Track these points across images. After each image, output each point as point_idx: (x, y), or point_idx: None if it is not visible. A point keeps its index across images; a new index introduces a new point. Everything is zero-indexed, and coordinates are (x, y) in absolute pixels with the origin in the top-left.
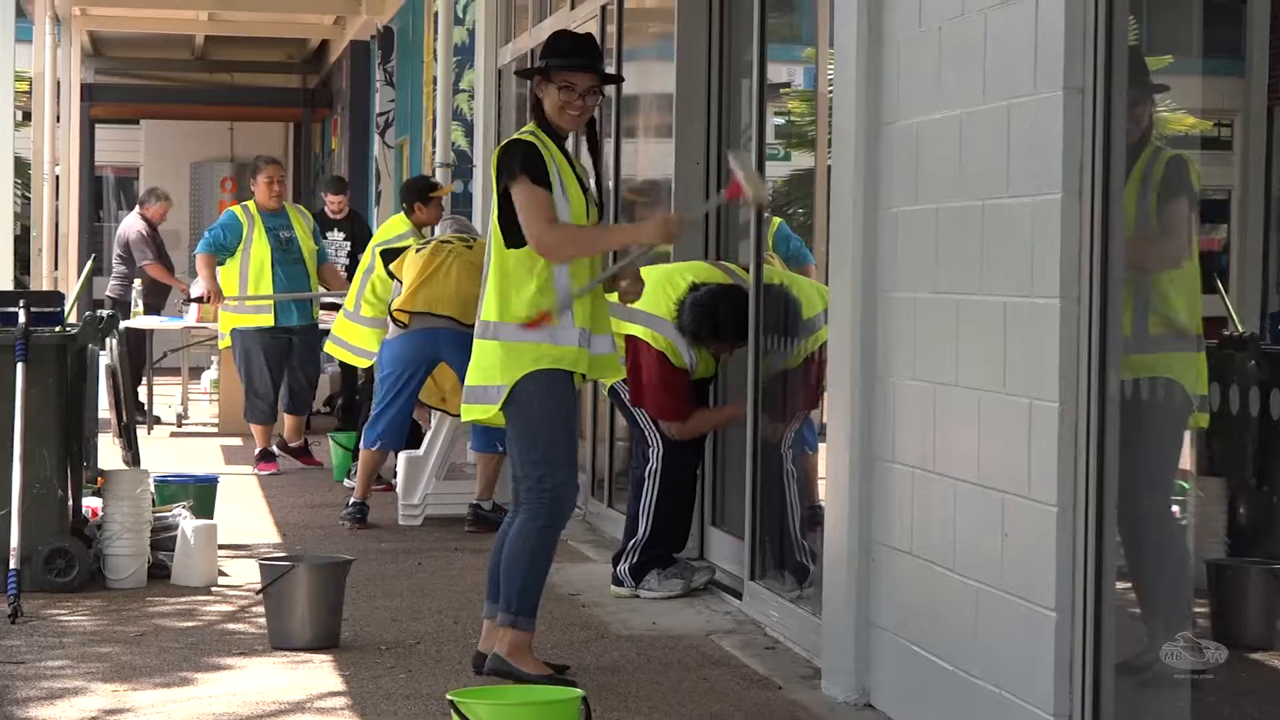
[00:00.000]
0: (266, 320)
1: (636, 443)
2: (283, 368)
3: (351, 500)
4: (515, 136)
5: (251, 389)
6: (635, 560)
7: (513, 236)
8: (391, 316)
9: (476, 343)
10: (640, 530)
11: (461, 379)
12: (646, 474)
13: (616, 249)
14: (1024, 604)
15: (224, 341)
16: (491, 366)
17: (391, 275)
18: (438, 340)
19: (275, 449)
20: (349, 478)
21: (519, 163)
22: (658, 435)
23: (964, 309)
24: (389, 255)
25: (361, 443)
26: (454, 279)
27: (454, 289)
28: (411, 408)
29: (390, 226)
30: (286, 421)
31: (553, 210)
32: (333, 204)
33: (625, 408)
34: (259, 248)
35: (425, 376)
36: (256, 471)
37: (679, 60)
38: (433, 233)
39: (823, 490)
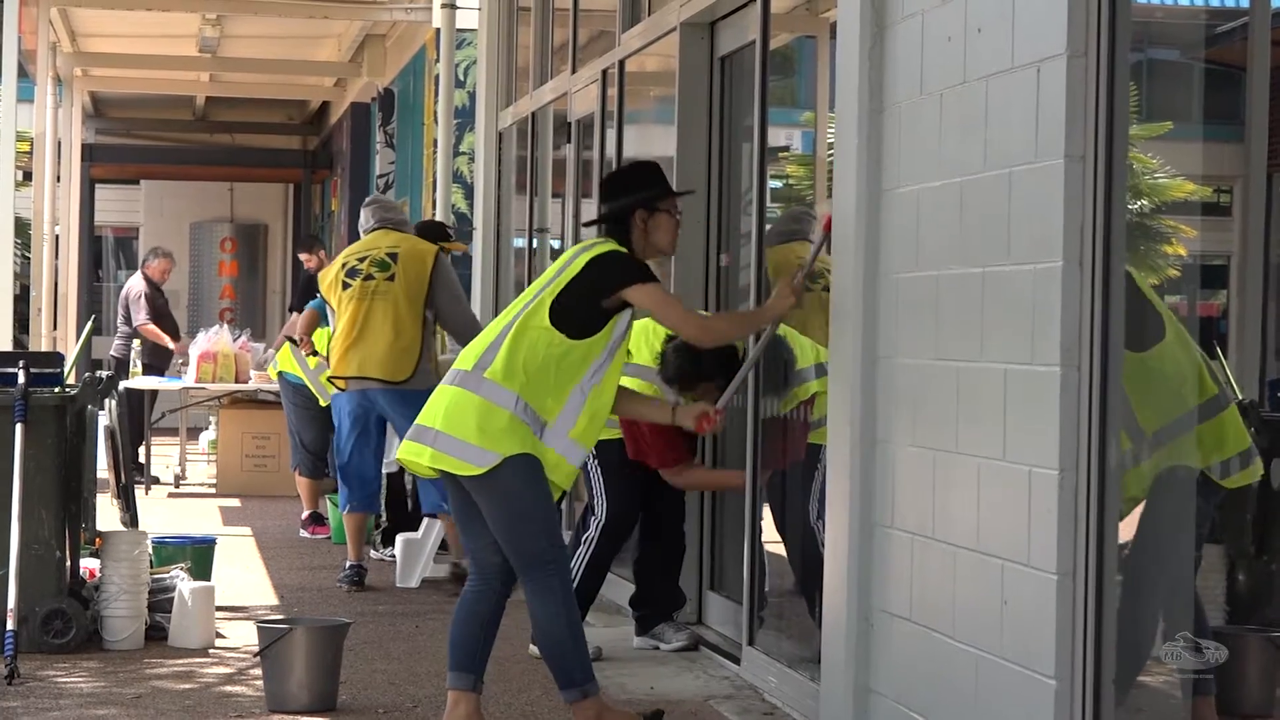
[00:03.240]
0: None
1: (587, 506)
2: (328, 427)
3: (348, 563)
4: (612, 247)
5: (299, 440)
6: None
7: (572, 327)
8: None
9: (468, 394)
10: None
11: (401, 434)
12: (583, 540)
13: (767, 326)
14: (1023, 671)
15: (273, 370)
16: (492, 430)
17: (324, 299)
18: (372, 398)
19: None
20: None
21: (635, 269)
22: (605, 506)
23: (964, 376)
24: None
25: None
26: (378, 335)
27: (381, 348)
28: (374, 462)
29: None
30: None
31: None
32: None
33: (584, 471)
34: None
35: (381, 430)
36: (308, 535)
37: (680, 124)
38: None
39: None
